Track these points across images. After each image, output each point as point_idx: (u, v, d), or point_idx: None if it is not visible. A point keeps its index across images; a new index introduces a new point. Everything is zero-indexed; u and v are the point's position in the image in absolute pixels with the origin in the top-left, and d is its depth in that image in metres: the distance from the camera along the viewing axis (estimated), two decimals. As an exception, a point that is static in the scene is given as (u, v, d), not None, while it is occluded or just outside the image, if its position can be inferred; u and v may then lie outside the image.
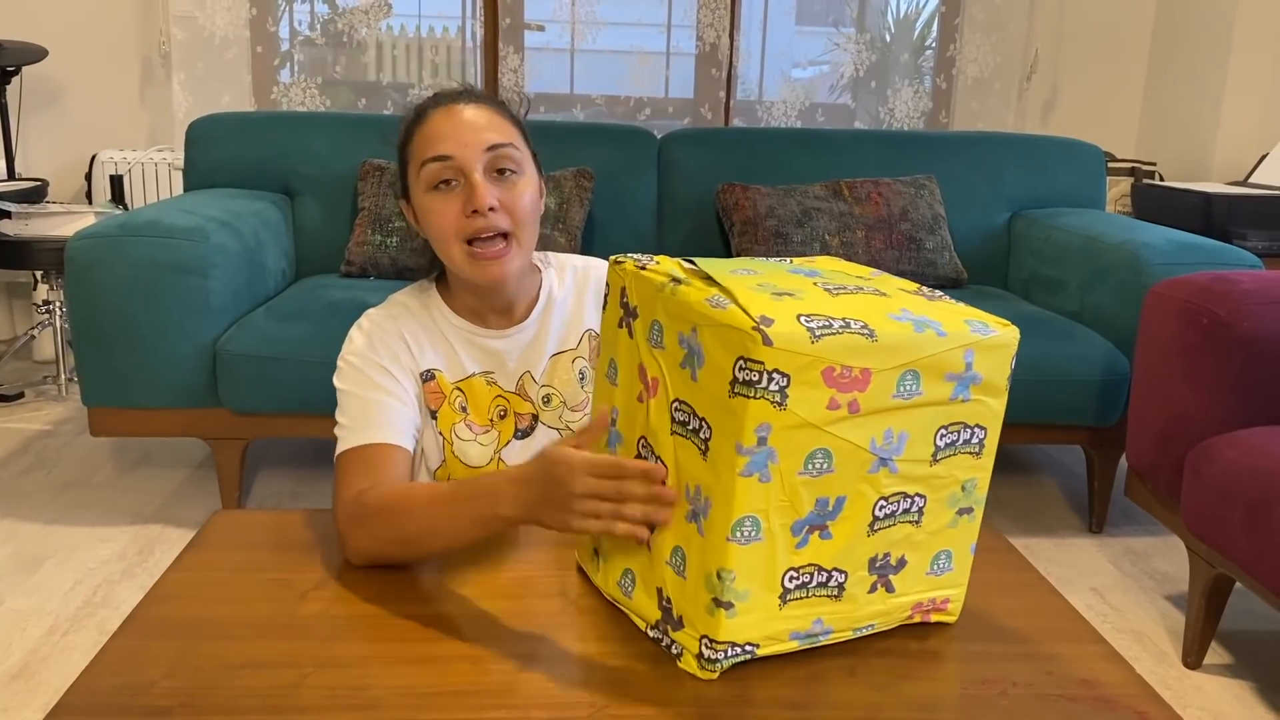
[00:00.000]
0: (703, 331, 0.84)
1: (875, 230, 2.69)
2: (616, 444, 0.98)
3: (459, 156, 1.14)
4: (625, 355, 0.96)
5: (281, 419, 2.26)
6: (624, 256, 0.97)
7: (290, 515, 1.23)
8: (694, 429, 0.86)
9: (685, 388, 0.87)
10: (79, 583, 2.08)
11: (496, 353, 1.26)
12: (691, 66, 3.82)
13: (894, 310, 0.87)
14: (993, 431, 0.94)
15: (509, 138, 1.17)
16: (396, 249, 2.56)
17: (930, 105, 3.93)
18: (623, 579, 0.97)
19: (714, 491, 0.85)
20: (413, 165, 1.18)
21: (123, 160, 3.43)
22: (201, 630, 0.96)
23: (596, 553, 1.02)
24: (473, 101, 1.18)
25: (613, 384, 0.98)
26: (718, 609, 0.86)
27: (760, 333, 0.79)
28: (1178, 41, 3.75)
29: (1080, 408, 2.30)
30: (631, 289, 0.94)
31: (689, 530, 0.88)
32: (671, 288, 0.89)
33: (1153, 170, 3.63)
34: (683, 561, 0.89)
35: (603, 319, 1.00)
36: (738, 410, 0.81)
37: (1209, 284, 1.80)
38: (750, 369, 0.80)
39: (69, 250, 2.12)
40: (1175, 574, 2.26)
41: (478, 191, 1.13)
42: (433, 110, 1.17)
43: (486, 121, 1.16)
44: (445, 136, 1.15)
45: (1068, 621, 1.05)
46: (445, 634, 0.96)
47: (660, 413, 0.90)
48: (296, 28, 3.68)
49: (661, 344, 0.90)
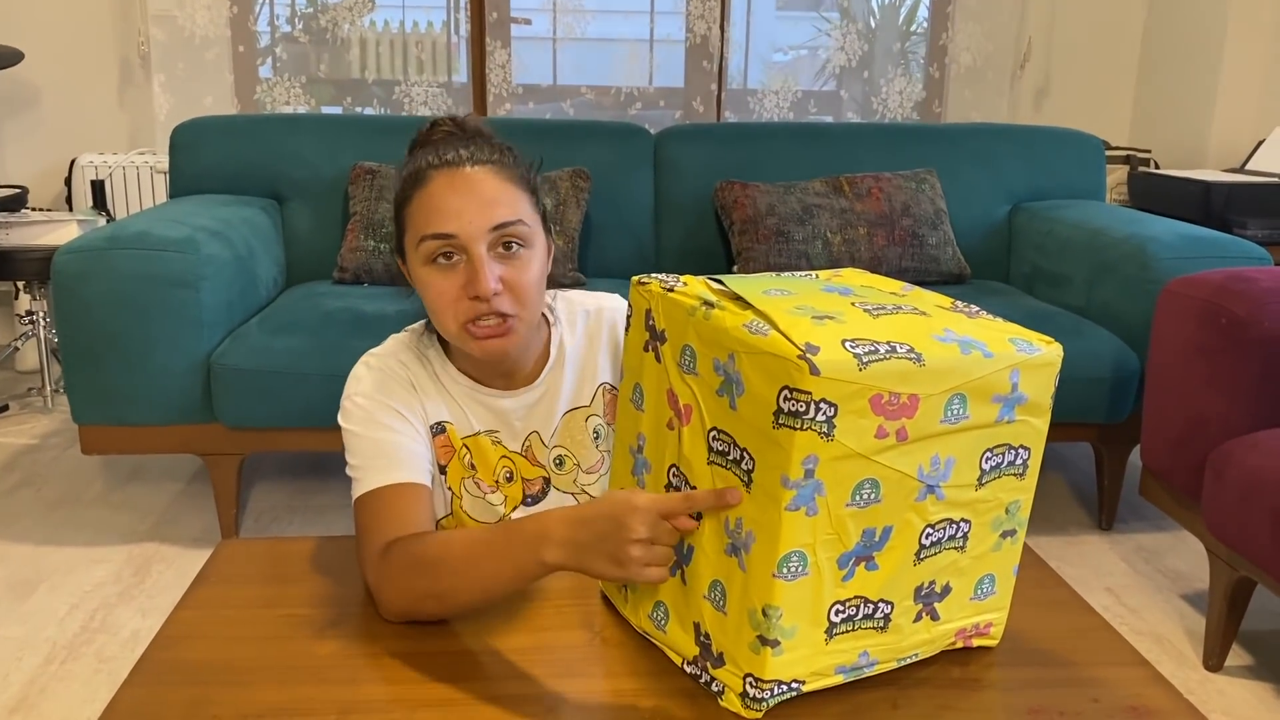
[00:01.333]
0: (741, 359, 0.81)
1: (877, 227, 2.65)
2: (644, 471, 0.94)
3: (463, 235, 1.04)
4: (652, 380, 0.92)
5: (278, 433, 2.21)
6: (648, 277, 0.93)
7: (299, 544, 1.19)
8: (735, 459, 0.83)
9: (723, 416, 0.83)
10: (75, 607, 2.03)
11: (502, 411, 1.17)
12: (680, 54, 3.77)
13: (937, 331, 0.84)
14: (1036, 452, 0.91)
15: (517, 213, 1.07)
16: (390, 255, 2.50)
17: (923, 94, 3.90)
18: (655, 612, 0.94)
19: (758, 525, 0.81)
20: (410, 233, 1.08)
21: (103, 164, 3.36)
22: (216, 675, 0.92)
23: (625, 584, 0.98)
24: (479, 164, 1.07)
25: (639, 409, 0.94)
26: (764, 646, 0.83)
27: (807, 361, 0.75)
28: (1171, 27, 3.72)
29: (1090, 405, 2.27)
30: (659, 312, 0.91)
31: (729, 564, 0.84)
32: (704, 311, 0.85)
33: (1148, 158, 3.61)
34: (723, 596, 0.85)
35: (626, 341, 0.96)
36: (783, 442, 0.78)
37: (1225, 282, 1.77)
38: (796, 399, 0.76)
39: (56, 264, 2.06)
40: (1190, 572, 2.24)
41: (480, 276, 1.03)
42: (435, 173, 1.06)
43: (494, 193, 1.06)
44: (449, 212, 1.04)
45: (1107, 641, 1.02)
46: (470, 673, 0.92)
47: (695, 441, 0.87)
48: (278, 25, 3.61)
49: (695, 370, 0.86)
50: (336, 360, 2.12)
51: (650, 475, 0.93)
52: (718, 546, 0.85)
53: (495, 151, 1.10)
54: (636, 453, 0.95)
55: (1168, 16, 3.74)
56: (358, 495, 1.09)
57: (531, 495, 1.20)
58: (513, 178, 1.09)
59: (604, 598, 1.04)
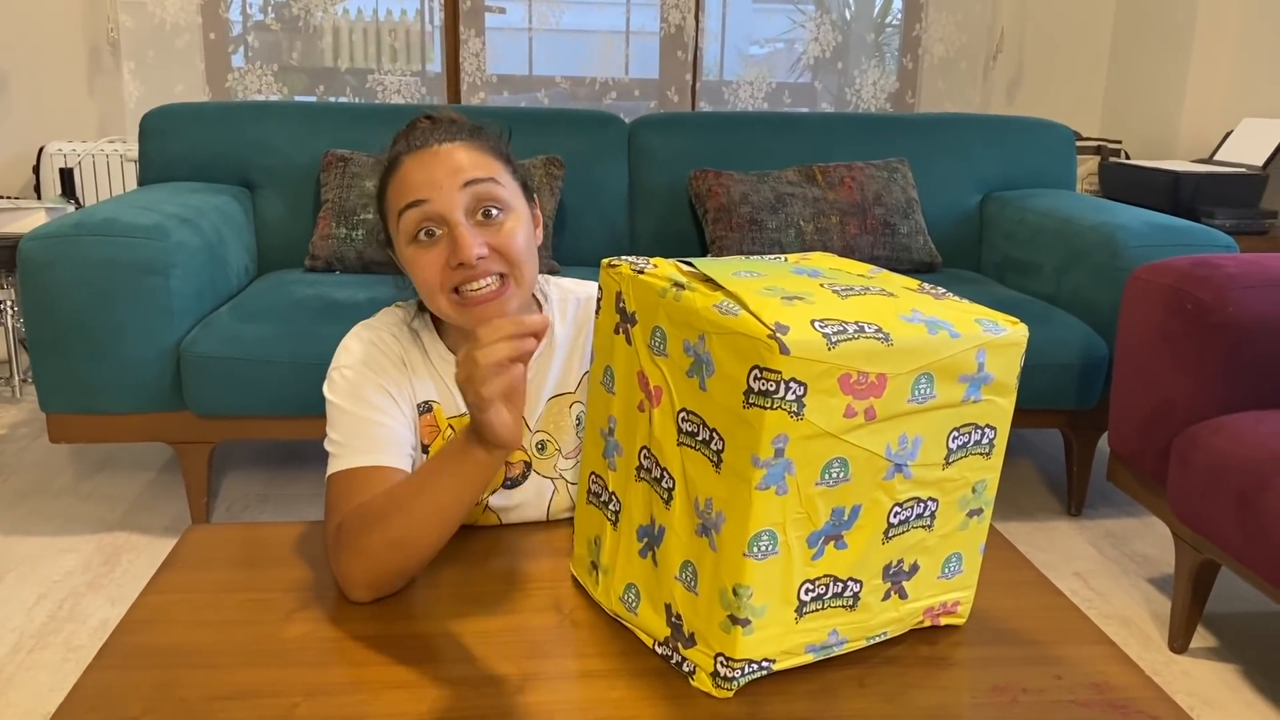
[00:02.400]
0: (712, 339, 0.81)
1: (849, 216, 2.66)
2: (615, 454, 0.94)
3: (435, 200, 1.05)
4: (623, 362, 0.92)
5: (249, 421, 2.20)
6: (618, 260, 0.93)
7: (267, 529, 1.19)
8: (704, 440, 0.83)
9: (693, 397, 0.84)
10: (43, 597, 2.01)
11: None
12: (654, 45, 3.77)
13: (905, 311, 0.84)
14: (1002, 431, 0.92)
15: (489, 171, 1.07)
16: (362, 242, 2.49)
17: (897, 85, 3.91)
18: (626, 594, 0.94)
19: (728, 505, 0.81)
20: (391, 216, 1.09)
21: (72, 152, 3.32)
22: (182, 658, 0.91)
23: (595, 566, 0.99)
24: (447, 139, 1.08)
25: (609, 392, 0.95)
26: (734, 626, 0.83)
27: (777, 340, 0.76)
28: (1142, 19, 3.76)
29: (1059, 391, 2.29)
30: (629, 294, 0.91)
31: (700, 545, 0.85)
32: (675, 293, 0.85)
33: (1118, 148, 3.65)
34: (694, 577, 0.86)
35: (596, 324, 0.96)
36: (754, 421, 0.78)
37: (1191, 268, 1.79)
38: (767, 378, 0.77)
39: (22, 251, 2.04)
40: (1156, 556, 2.27)
41: (462, 242, 1.03)
42: (406, 156, 1.08)
43: (463, 158, 1.07)
44: (419, 181, 1.06)
45: (1072, 621, 1.03)
46: (438, 655, 0.92)
47: (665, 423, 0.87)
48: (250, 13, 3.58)
49: (665, 352, 0.87)
50: (307, 348, 2.13)
51: (621, 457, 0.93)
52: (688, 527, 0.86)
53: (464, 130, 1.11)
54: (607, 435, 0.95)
55: (1138, 10, 3.78)
56: (332, 472, 1.08)
57: (512, 478, 1.19)
58: (483, 148, 1.10)
59: (575, 580, 1.04)
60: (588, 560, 1.00)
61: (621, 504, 0.94)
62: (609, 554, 0.96)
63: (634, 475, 0.92)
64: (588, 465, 1.00)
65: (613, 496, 0.95)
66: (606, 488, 0.96)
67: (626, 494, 0.93)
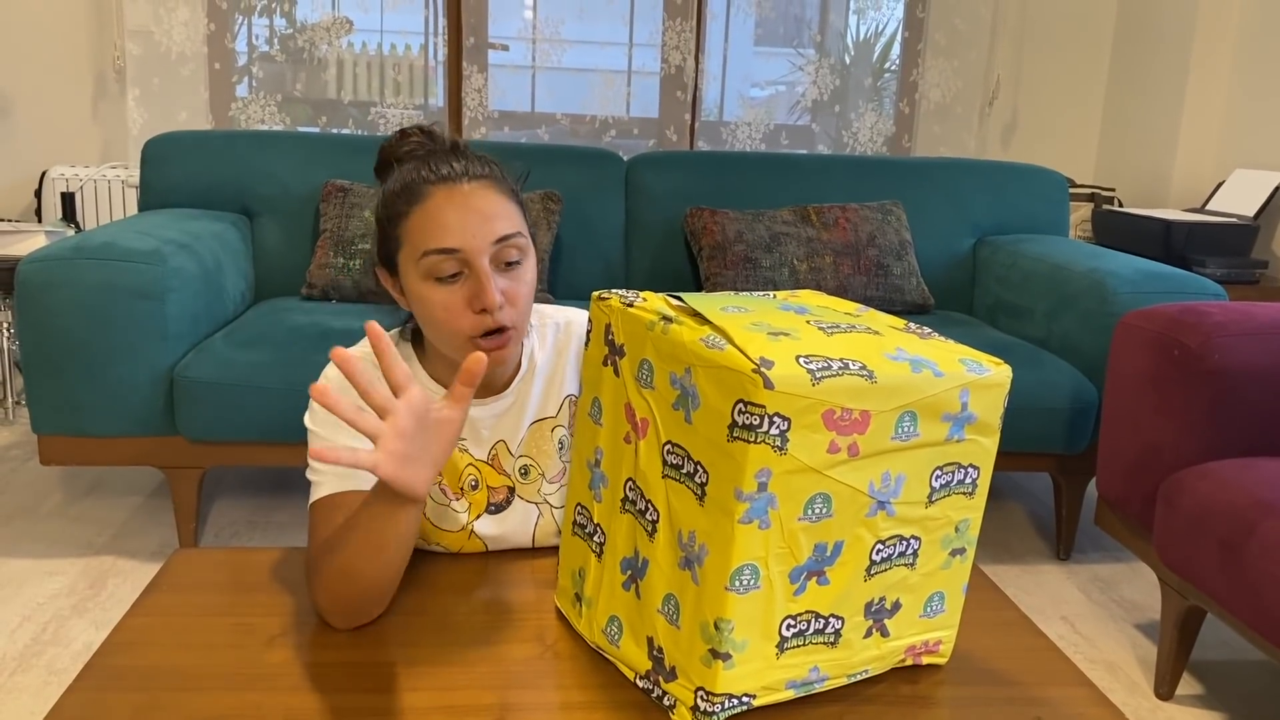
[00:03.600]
0: (698, 373, 0.82)
1: (843, 256, 2.69)
2: (601, 485, 0.95)
3: (467, 250, 1.05)
4: (611, 394, 0.93)
5: (240, 447, 2.20)
6: (608, 293, 0.94)
7: (253, 554, 1.19)
8: (688, 473, 0.84)
9: (678, 430, 0.85)
10: (27, 619, 2.00)
11: (471, 420, 1.17)
12: (655, 86, 3.82)
13: (889, 350, 0.85)
14: (985, 471, 0.93)
15: (516, 225, 1.08)
16: (359, 272, 2.51)
17: (893, 129, 3.95)
18: (609, 626, 0.94)
19: (711, 538, 0.82)
20: (407, 248, 1.08)
21: (74, 177, 3.34)
22: (163, 681, 0.91)
23: (579, 598, 0.99)
24: (475, 180, 1.08)
25: (597, 423, 0.95)
26: (715, 660, 0.83)
27: (761, 375, 0.77)
28: (1135, 70, 3.81)
29: (1048, 435, 2.30)
30: (618, 326, 0.92)
31: (682, 578, 0.85)
32: (662, 326, 0.86)
33: (1112, 196, 3.68)
34: (676, 610, 0.86)
35: (585, 355, 0.97)
36: (737, 455, 0.79)
37: (1179, 315, 1.81)
38: (751, 412, 0.78)
39: (20, 273, 2.05)
40: (1144, 602, 2.27)
41: (486, 291, 1.04)
42: (433, 189, 1.06)
43: (494, 208, 1.07)
44: (452, 227, 1.05)
45: (1054, 663, 1.03)
46: (418, 683, 0.92)
47: (651, 455, 0.88)
48: (255, 44, 3.62)
49: (652, 384, 0.87)
50: (301, 375, 2.13)
51: (607, 489, 0.94)
52: (672, 560, 0.86)
53: (485, 165, 1.11)
54: (594, 466, 0.96)
55: (1132, 59, 3.83)
56: (313, 500, 1.09)
57: (495, 504, 1.19)
58: (505, 191, 1.10)
59: (558, 612, 1.04)
60: (571, 592, 1.00)
61: (606, 536, 0.94)
62: (593, 586, 0.96)
63: (619, 507, 0.92)
64: (574, 497, 1.00)
65: (598, 528, 0.95)
66: (592, 519, 0.96)
67: (611, 526, 0.93)
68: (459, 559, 1.17)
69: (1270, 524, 1.54)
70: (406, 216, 1.07)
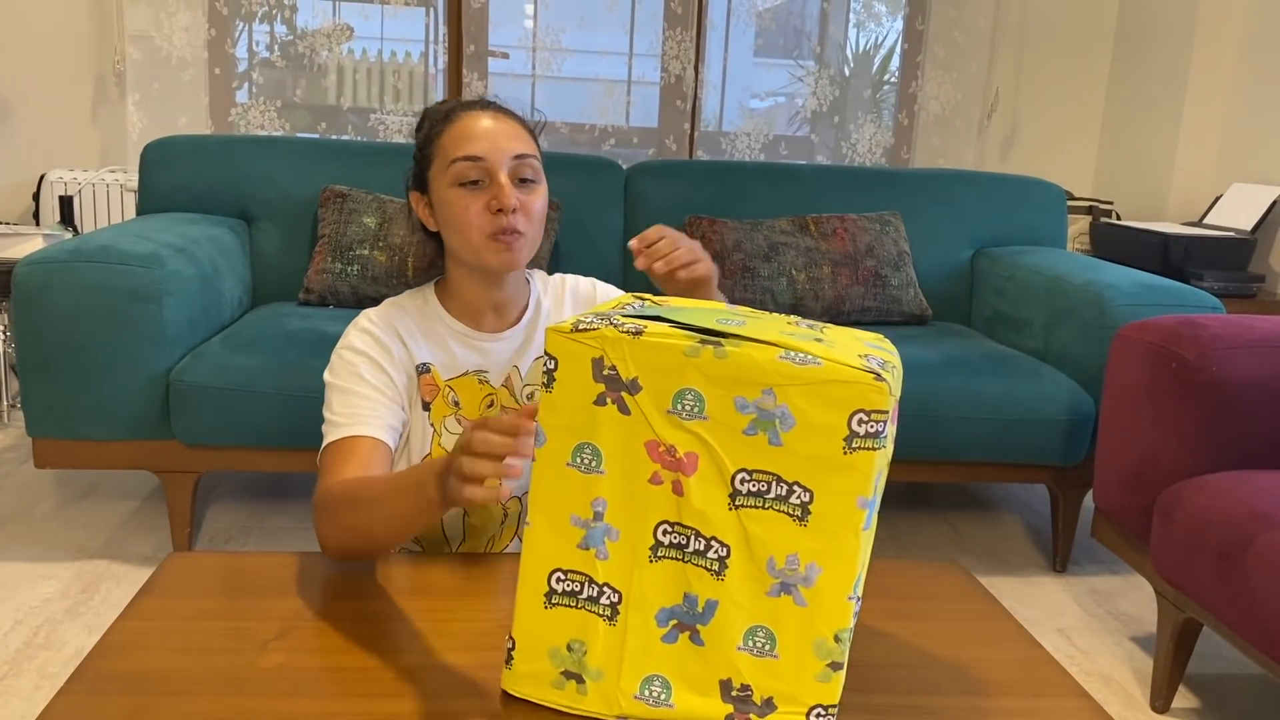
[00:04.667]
0: (788, 391, 0.80)
1: (841, 266, 2.69)
2: (606, 540, 0.85)
3: (490, 158, 1.22)
4: (615, 436, 0.84)
5: (236, 452, 2.19)
6: (585, 323, 0.84)
7: (247, 558, 1.19)
8: (779, 496, 0.82)
9: (756, 455, 0.81)
10: (19, 623, 1.99)
11: (489, 352, 1.32)
12: (655, 95, 3.82)
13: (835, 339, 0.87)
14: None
15: (531, 149, 1.26)
16: (357, 277, 2.51)
17: (892, 140, 3.96)
18: (647, 689, 0.86)
19: (824, 555, 0.81)
20: (439, 160, 1.25)
21: (73, 180, 3.34)
22: (155, 684, 0.91)
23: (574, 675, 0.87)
24: (500, 112, 1.27)
25: (589, 472, 0.84)
26: (835, 673, 0.83)
27: (885, 382, 0.78)
28: (1134, 83, 3.82)
29: (1045, 447, 2.30)
30: (626, 359, 0.83)
31: (777, 605, 0.83)
32: (714, 350, 0.81)
33: (1110, 209, 3.69)
34: (770, 639, 0.84)
35: (551, 400, 0.84)
36: (860, 465, 0.80)
37: (1176, 327, 1.81)
38: (874, 420, 0.79)
39: (17, 275, 2.04)
40: (1140, 615, 2.26)
41: (504, 191, 1.21)
42: (463, 112, 1.26)
43: (514, 131, 1.25)
44: (477, 138, 1.23)
45: (1050, 674, 1.03)
46: (414, 689, 0.91)
47: (708, 490, 0.83)
48: (256, 50, 3.63)
49: (703, 414, 0.82)
50: (297, 380, 2.13)
51: (618, 542, 0.85)
52: (755, 593, 0.83)
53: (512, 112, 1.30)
54: (589, 523, 0.85)
55: (1131, 73, 3.84)
56: (324, 444, 1.21)
57: None
58: (525, 126, 1.29)
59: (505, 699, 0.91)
60: (556, 672, 0.88)
61: (624, 593, 0.85)
62: (605, 653, 0.86)
63: (647, 556, 0.85)
64: (543, 564, 0.87)
65: (604, 589, 0.86)
66: (593, 581, 0.86)
67: (633, 580, 0.85)
68: (460, 562, 1.17)
69: (1267, 537, 1.54)
70: (440, 134, 1.26)
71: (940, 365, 2.35)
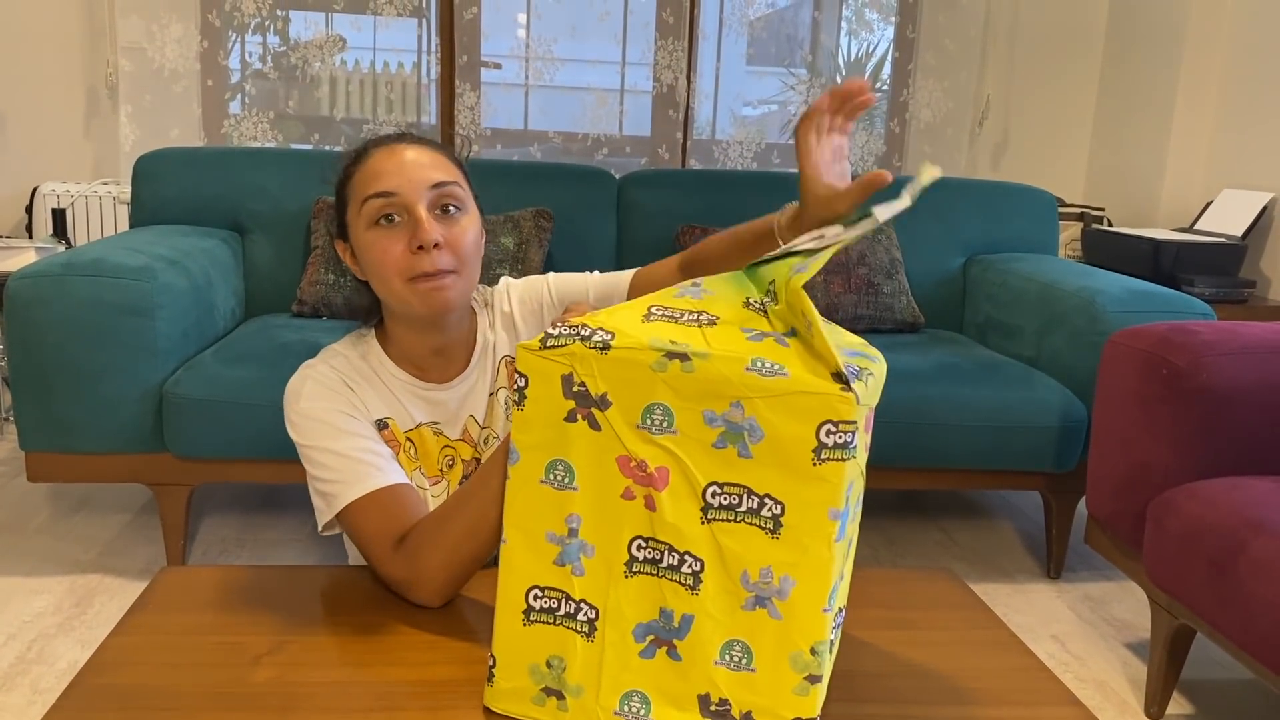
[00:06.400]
0: (755, 404, 0.79)
1: (833, 274, 2.69)
2: (580, 555, 0.85)
3: (402, 192, 1.13)
4: (586, 452, 0.83)
5: (229, 464, 2.19)
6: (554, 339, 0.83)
7: (241, 572, 1.18)
8: (751, 509, 0.81)
9: (726, 469, 0.81)
10: (12, 637, 1.98)
11: (441, 403, 1.24)
12: (648, 104, 3.83)
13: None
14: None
15: (453, 176, 1.17)
16: (350, 289, 2.50)
17: (884, 148, 3.97)
18: (626, 704, 0.86)
19: (797, 567, 0.81)
20: (353, 203, 1.16)
21: (65, 193, 3.34)
22: (147, 700, 0.91)
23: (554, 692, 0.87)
24: (414, 143, 1.18)
25: (562, 489, 0.84)
26: (812, 685, 0.83)
27: (853, 392, 0.77)
28: (1125, 90, 3.84)
29: (1038, 453, 2.31)
30: (593, 375, 0.82)
31: (751, 619, 0.82)
32: (680, 365, 0.81)
33: (1101, 215, 3.70)
34: (746, 653, 0.83)
35: (524, 417, 0.85)
36: (830, 476, 0.78)
37: (1168, 334, 1.82)
38: (843, 430, 0.77)
39: (9, 289, 2.04)
40: (1134, 621, 2.27)
41: (422, 227, 1.11)
42: (374, 149, 1.17)
43: (428, 160, 1.16)
44: (388, 173, 1.14)
45: (1043, 682, 1.03)
46: (410, 703, 0.91)
47: (680, 504, 0.82)
48: (248, 61, 3.63)
49: (672, 428, 0.82)
50: (291, 392, 2.13)
51: (593, 558, 0.85)
52: (731, 607, 0.83)
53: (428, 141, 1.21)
54: (564, 539, 0.85)
55: (1121, 80, 3.86)
56: (340, 508, 1.11)
57: (466, 475, 1.26)
58: (445, 154, 1.19)
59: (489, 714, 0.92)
60: (536, 689, 0.88)
61: (601, 609, 0.85)
62: (582, 670, 0.86)
63: (623, 572, 0.84)
64: (520, 581, 0.87)
65: (580, 605, 0.86)
66: (569, 597, 0.86)
67: (609, 595, 0.85)
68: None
69: (1259, 543, 1.54)
70: (351, 176, 1.17)
71: (933, 373, 2.36)
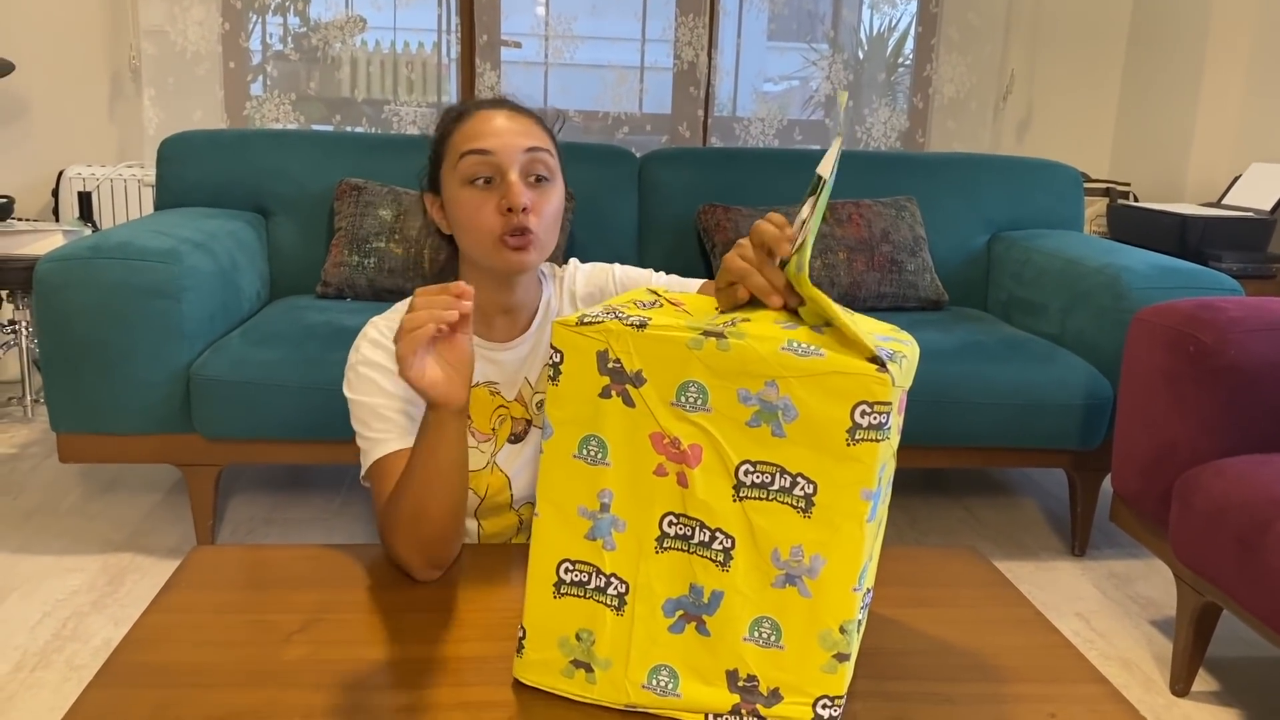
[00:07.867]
0: (790, 384, 0.80)
1: (857, 252, 2.68)
2: (611, 530, 0.86)
3: (499, 153, 1.19)
4: (620, 428, 0.85)
5: (256, 445, 2.22)
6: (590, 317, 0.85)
7: (271, 551, 1.20)
8: (783, 488, 0.82)
9: (759, 447, 0.82)
10: (47, 615, 2.02)
11: (501, 363, 1.30)
12: (668, 82, 3.82)
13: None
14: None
15: (546, 144, 1.23)
16: (374, 270, 2.52)
17: (907, 124, 3.94)
18: (654, 678, 0.87)
19: (828, 546, 0.81)
20: (449, 157, 1.23)
21: (91, 176, 3.36)
22: (182, 678, 0.92)
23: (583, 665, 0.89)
24: (514, 109, 1.24)
25: (595, 464, 0.85)
26: (840, 664, 0.83)
27: (888, 373, 0.77)
28: (1151, 64, 3.79)
29: (1063, 431, 2.30)
30: (628, 351, 0.84)
31: (781, 597, 0.83)
32: (715, 343, 0.82)
33: (1127, 190, 3.66)
34: (775, 631, 0.84)
35: (558, 393, 0.86)
36: (864, 457, 0.79)
37: (1194, 311, 1.80)
38: (878, 411, 0.78)
39: (38, 273, 2.07)
40: (1159, 598, 2.26)
41: (514, 190, 1.17)
42: (478, 110, 1.23)
43: (525, 127, 1.22)
44: (487, 134, 1.20)
45: (1068, 660, 1.03)
46: (440, 679, 0.92)
47: (713, 481, 0.83)
48: (269, 43, 3.64)
49: (706, 406, 0.82)
50: (316, 373, 2.15)
51: (624, 533, 0.86)
52: (760, 584, 0.83)
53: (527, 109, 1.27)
54: (596, 514, 0.86)
55: (1147, 53, 3.81)
56: (370, 462, 1.19)
57: (515, 434, 1.30)
58: (539, 122, 1.26)
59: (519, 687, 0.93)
60: (565, 661, 0.89)
61: (631, 583, 0.86)
62: (611, 644, 0.87)
63: (653, 547, 0.85)
64: (551, 555, 0.88)
65: (611, 579, 0.87)
66: (600, 571, 0.87)
67: (640, 570, 0.86)
68: (476, 553, 1.18)
69: (1286, 520, 1.53)
70: (451, 132, 1.23)
71: (957, 350, 2.35)
